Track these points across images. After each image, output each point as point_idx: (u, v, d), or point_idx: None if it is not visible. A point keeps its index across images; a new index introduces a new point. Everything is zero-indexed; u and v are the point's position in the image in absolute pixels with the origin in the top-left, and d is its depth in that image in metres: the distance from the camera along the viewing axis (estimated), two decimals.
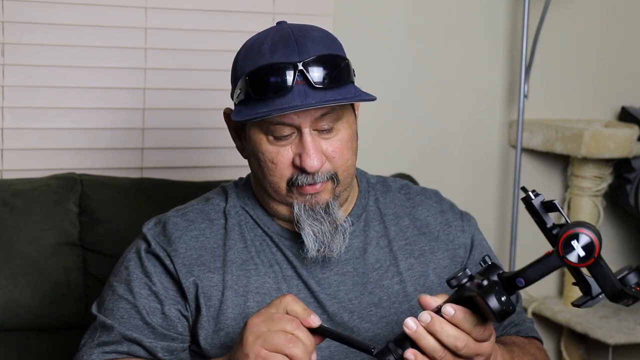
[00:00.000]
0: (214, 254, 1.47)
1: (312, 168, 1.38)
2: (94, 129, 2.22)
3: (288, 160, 1.40)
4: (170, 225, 1.49)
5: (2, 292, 1.87)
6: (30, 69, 2.15)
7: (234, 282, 1.45)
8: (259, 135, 1.42)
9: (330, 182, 1.42)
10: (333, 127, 1.41)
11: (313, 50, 1.39)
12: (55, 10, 2.16)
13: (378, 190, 1.57)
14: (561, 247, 1.15)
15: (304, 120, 1.38)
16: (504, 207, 2.70)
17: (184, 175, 2.23)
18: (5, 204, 1.93)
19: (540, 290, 2.78)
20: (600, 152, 2.51)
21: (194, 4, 2.28)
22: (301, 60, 1.37)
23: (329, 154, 1.41)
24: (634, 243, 2.90)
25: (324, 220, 1.41)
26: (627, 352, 2.66)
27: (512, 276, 1.18)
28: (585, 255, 1.14)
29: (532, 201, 1.22)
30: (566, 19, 2.71)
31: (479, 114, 2.65)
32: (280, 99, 1.36)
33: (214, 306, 1.45)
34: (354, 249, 1.50)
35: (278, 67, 1.37)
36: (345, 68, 1.42)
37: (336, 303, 1.47)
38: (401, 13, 2.54)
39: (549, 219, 1.21)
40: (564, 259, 1.15)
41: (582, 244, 1.14)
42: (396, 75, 2.55)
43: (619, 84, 2.82)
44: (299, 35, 1.41)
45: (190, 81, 2.29)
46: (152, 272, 1.46)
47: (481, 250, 1.55)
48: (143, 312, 1.45)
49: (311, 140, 1.39)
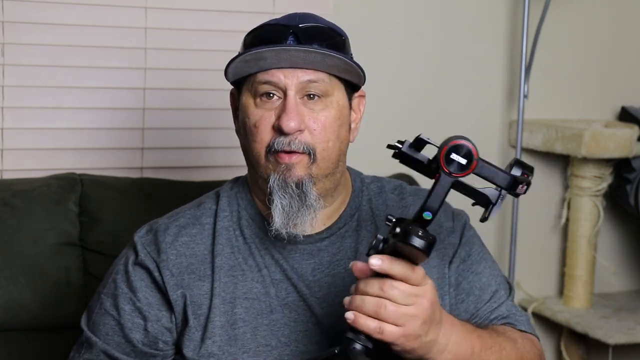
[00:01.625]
0: (204, 261, 1.47)
1: (288, 127, 1.38)
2: (94, 129, 2.22)
3: (269, 124, 1.40)
4: (161, 233, 1.48)
5: (2, 292, 1.87)
6: (30, 69, 2.15)
7: (221, 290, 1.45)
8: (248, 99, 1.43)
9: (306, 156, 1.40)
10: (321, 99, 1.41)
11: (313, 21, 1.43)
12: (55, 10, 2.16)
13: (372, 190, 1.57)
14: (444, 166, 1.21)
15: (290, 81, 1.39)
16: (504, 207, 2.70)
17: (184, 175, 2.23)
18: (5, 204, 1.93)
19: (540, 290, 2.79)
20: (600, 152, 2.51)
21: (194, 4, 2.28)
22: (299, 24, 1.41)
23: (310, 125, 1.40)
24: (634, 243, 2.90)
25: (293, 193, 1.40)
26: (627, 352, 2.66)
27: (418, 214, 1.22)
28: (468, 162, 1.21)
29: (402, 149, 1.27)
30: (566, 19, 2.71)
31: (479, 114, 2.65)
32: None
33: (203, 315, 1.44)
34: (346, 249, 1.49)
35: (274, 26, 1.42)
36: (341, 43, 1.44)
37: (326, 307, 1.46)
38: (401, 13, 2.54)
39: (424, 156, 1.27)
40: (452, 174, 1.21)
41: (461, 153, 1.21)
42: (396, 75, 2.55)
43: (619, 84, 2.82)
44: (305, 14, 1.45)
45: (190, 81, 2.29)
46: (138, 287, 1.46)
47: (470, 247, 1.55)
48: (126, 329, 1.45)
49: (294, 102, 1.39)
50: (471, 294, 1.51)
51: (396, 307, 1.23)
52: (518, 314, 1.54)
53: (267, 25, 1.44)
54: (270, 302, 1.45)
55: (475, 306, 1.50)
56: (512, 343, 1.44)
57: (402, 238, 1.19)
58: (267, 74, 1.40)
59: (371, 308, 1.23)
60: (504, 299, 1.53)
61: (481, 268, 1.53)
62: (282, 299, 1.45)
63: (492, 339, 1.40)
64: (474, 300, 1.51)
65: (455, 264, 1.52)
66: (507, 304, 1.53)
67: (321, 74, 1.41)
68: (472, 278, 1.52)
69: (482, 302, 1.51)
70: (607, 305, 2.71)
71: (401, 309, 1.23)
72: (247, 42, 1.44)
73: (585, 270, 2.65)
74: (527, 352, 1.46)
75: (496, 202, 1.26)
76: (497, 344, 1.40)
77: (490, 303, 1.51)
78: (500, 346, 1.41)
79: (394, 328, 1.24)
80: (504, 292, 1.54)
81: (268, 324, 1.44)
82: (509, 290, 1.56)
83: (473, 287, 1.51)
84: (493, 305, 1.51)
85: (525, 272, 2.73)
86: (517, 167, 1.26)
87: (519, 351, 1.44)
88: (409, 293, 1.24)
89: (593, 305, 2.68)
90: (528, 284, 2.77)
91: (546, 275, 2.81)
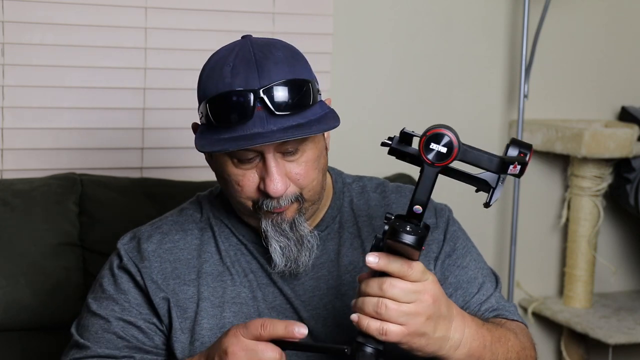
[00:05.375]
0: (189, 265, 1.47)
1: (275, 193, 1.36)
2: (94, 129, 2.22)
3: (254, 184, 1.38)
4: (144, 240, 1.49)
5: (2, 292, 1.87)
6: (30, 69, 2.15)
7: (209, 294, 1.45)
8: (224, 158, 1.39)
9: (295, 203, 1.40)
10: (298, 149, 1.38)
11: (274, 74, 1.35)
12: (55, 10, 2.16)
13: (353, 190, 1.56)
14: (425, 156, 1.20)
15: (266, 146, 1.35)
16: (504, 207, 2.70)
17: (184, 175, 2.23)
18: (5, 204, 1.93)
19: (540, 290, 2.79)
20: (600, 152, 2.51)
21: (194, 4, 2.28)
22: (261, 86, 1.34)
23: (294, 177, 1.39)
24: (634, 243, 2.90)
25: (290, 236, 1.41)
26: (627, 352, 2.66)
27: (408, 210, 1.22)
28: (448, 150, 1.19)
29: (392, 145, 1.26)
30: (566, 19, 2.71)
31: (479, 114, 2.65)
32: (241, 126, 1.33)
33: (189, 318, 1.45)
34: (329, 251, 1.50)
35: (237, 94, 1.34)
36: (308, 92, 1.37)
37: (311, 310, 1.46)
38: (401, 13, 2.54)
39: (414, 149, 1.25)
40: (434, 164, 1.20)
41: (441, 142, 1.19)
42: (396, 75, 2.55)
43: (619, 84, 2.82)
44: (261, 56, 1.37)
45: (190, 81, 2.27)
46: (126, 289, 1.47)
47: (454, 242, 1.54)
48: (117, 328, 1.45)
49: (275, 165, 1.36)
50: (459, 287, 1.51)
51: (397, 306, 1.22)
52: (507, 305, 1.54)
53: (229, 94, 1.35)
54: (258, 306, 1.46)
55: (464, 299, 1.50)
56: (513, 334, 1.44)
57: (390, 235, 1.19)
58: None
59: (372, 308, 1.23)
60: (491, 291, 1.53)
61: (467, 261, 1.53)
62: (269, 303, 1.46)
63: (499, 331, 1.40)
64: (462, 294, 1.51)
65: (440, 260, 1.52)
66: (495, 295, 1.53)
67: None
68: (459, 272, 1.52)
69: (470, 295, 1.51)
70: (607, 305, 2.71)
71: (402, 307, 1.22)
72: (211, 111, 1.37)
73: (585, 270, 2.65)
74: (526, 342, 1.47)
75: (496, 186, 1.24)
76: (503, 336, 1.40)
77: (479, 295, 1.51)
78: (506, 337, 1.41)
79: (397, 327, 1.23)
80: (490, 284, 1.54)
81: None
82: (495, 282, 1.56)
83: (460, 281, 1.51)
84: (481, 297, 1.51)
85: (525, 272, 2.73)
86: (513, 147, 1.24)
87: (520, 342, 1.44)
88: (408, 290, 1.23)
89: (593, 305, 2.68)
90: (528, 284, 2.77)
91: (546, 275, 2.82)
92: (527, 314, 2.71)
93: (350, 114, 2.26)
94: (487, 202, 1.25)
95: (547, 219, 2.79)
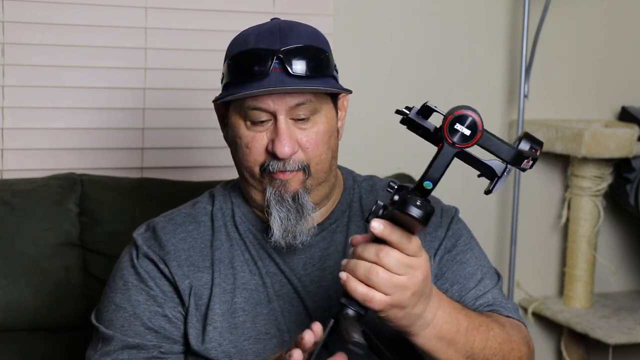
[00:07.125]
0: (202, 253, 1.50)
1: (282, 153, 1.41)
2: (94, 129, 2.22)
3: (262, 146, 1.44)
4: (159, 230, 1.52)
5: (2, 292, 1.87)
6: (30, 69, 2.16)
7: (221, 280, 1.48)
8: (238, 120, 1.46)
9: (301, 172, 1.44)
10: (310, 118, 1.44)
11: (295, 41, 1.43)
12: (55, 10, 2.16)
13: (363, 188, 1.59)
14: (448, 135, 1.19)
15: (279, 106, 1.41)
16: (504, 207, 2.70)
17: (184, 175, 2.24)
18: (5, 204, 1.93)
19: (540, 290, 2.79)
20: (600, 152, 2.51)
21: (194, 4, 2.28)
22: (281, 47, 1.41)
23: (303, 144, 1.44)
24: (634, 243, 2.90)
25: (290, 207, 1.44)
26: (627, 352, 2.66)
27: (419, 183, 1.20)
28: (472, 133, 1.19)
29: (410, 116, 1.26)
30: (566, 19, 2.71)
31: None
32: (257, 83, 1.40)
33: (203, 304, 1.47)
34: (337, 243, 1.52)
35: (257, 53, 1.42)
36: (325, 60, 1.45)
37: (317, 300, 1.48)
38: (401, 13, 2.54)
39: (430, 124, 1.25)
40: (455, 144, 1.19)
41: (466, 124, 1.19)
42: (396, 75, 2.55)
43: (619, 84, 2.82)
44: (285, 27, 1.46)
45: (190, 81, 2.29)
46: (148, 277, 1.48)
47: (456, 239, 1.55)
48: (144, 318, 1.46)
49: (285, 127, 1.42)
50: (455, 283, 1.51)
51: (388, 276, 1.21)
52: (505, 302, 1.53)
53: (250, 52, 1.44)
54: (267, 293, 1.48)
55: (459, 294, 1.50)
56: (500, 325, 1.44)
57: (399, 206, 1.18)
58: (256, 99, 1.42)
59: (363, 272, 1.22)
60: (489, 287, 1.53)
61: (467, 258, 1.54)
62: (277, 290, 1.49)
63: (480, 319, 1.40)
64: (458, 289, 1.51)
65: (439, 256, 1.53)
66: (493, 292, 1.53)
67: (308, 94, 1.43)
68: (457, 267, 1.52)
69: (466, 290, 1.51)
70: (607, 305, 2.71)
71: (393, 278, 1.22)
72: (231, 68, 1.46)
73: (585, 270, 2.65)
74: (514, 336, 1.46)
75: (501, 175, 1.24)
76: (484, 324, 1.39)
77: (475, 290, 1.51)
78: (488, 327, 1.40)
79: (382, 296, 1.22)
80: (489, 281, 1.54)
81: (267, 313, 1.47)
82: (496, 280, 1.56)
83: (457, 277, 1.52)
84: (478, 292, 1.51)
85: (525, 272, 2.73)
86: (525, 141, 1.23)
87: (507, 334, 1.43)
88: (403, 263, 1.22)
89: (593, 305, 2.68)
90: (528, 284, 2.77)
91: (546, 275, 2.82)
92: (527, 314, 2.71)
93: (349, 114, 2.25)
94: (489, 189, 1.25)
95: (547, 219, 2.79)
